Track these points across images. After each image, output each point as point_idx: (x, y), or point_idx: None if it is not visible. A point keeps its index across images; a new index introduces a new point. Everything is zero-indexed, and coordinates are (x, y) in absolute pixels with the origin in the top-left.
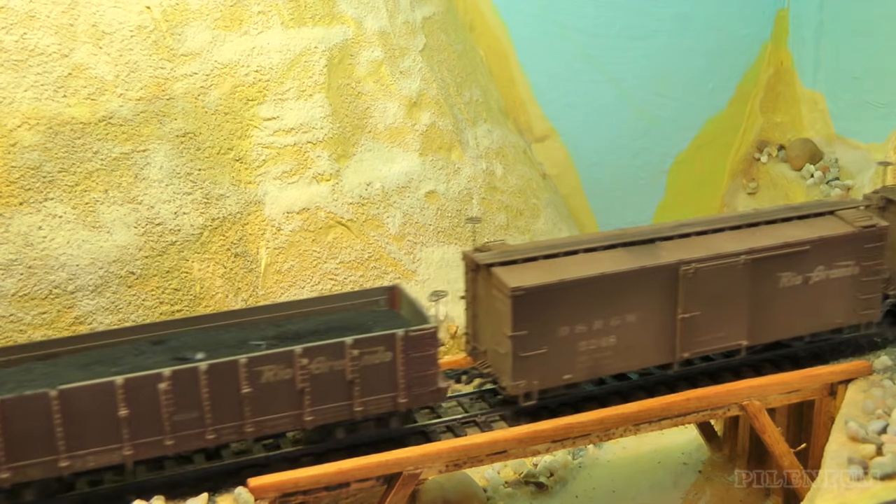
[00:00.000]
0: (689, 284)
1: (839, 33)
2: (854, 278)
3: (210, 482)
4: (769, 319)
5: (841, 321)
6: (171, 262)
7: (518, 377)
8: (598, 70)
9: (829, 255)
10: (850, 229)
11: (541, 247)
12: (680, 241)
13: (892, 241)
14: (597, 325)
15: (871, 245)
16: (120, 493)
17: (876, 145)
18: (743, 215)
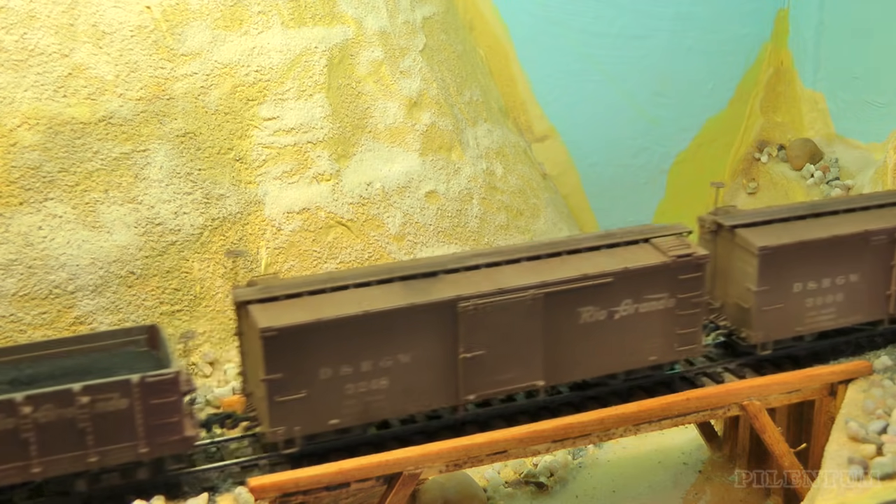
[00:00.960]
0: (470, 322)
1: (839, 33)
2: (669, 312)
3: (210, 482)
4: (569, 358)
5: (656, 358)
6: (172, 262)
7: (276, 423)
8: (598, 70)
9: (637, 287)
10: (662, 259)
11: (310, 281)
12: (466, 274)
13: (724, 267)
14: (365, 367)
15: (688, 276)
16: (120, 493)
17: (876, 145)
18: (546, 244)
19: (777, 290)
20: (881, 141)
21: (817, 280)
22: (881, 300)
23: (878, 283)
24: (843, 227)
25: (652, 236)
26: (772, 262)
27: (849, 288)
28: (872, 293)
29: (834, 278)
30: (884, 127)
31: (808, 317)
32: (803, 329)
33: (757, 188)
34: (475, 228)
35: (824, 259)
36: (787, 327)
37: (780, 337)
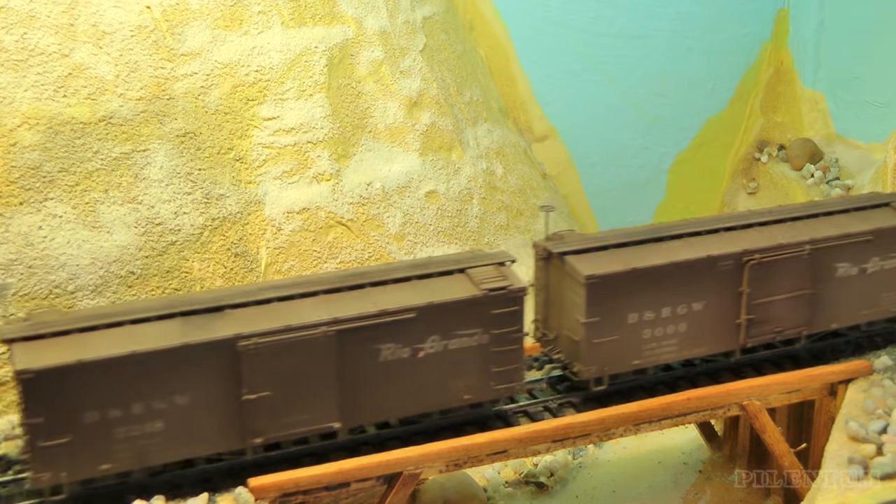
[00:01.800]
0: (253, 361)
1: (839, 33)
2: (483, 348)
3: (210, 483)
4: (370, 398)
5: (471, 397)
6: (172, 262)
7: (41, 469)
8: (598, 70)
9: (445, 323)
10: (473, 293)
11: (84, 317)
12: (253, 309)
13: (556, 296)
14: (137, 409)
15: (503, 310)
16: (120, 493)
17: (876, 145)
18: (351, 274)
19: (609, 321)
20: (881, 141)
21: (655, 309)
22: (731, 330)
23: (726, 312)
24: (685, 252)
25: (469, 266)
26: (601, 292)
27: (693, 317)
28: (720, 322)
29: (675, 307)
30: (884, 127)
31: (647, 349)
32: (642, 362)
33: (757, 188)
34: (475, 228)
35: (662, 287)
36: (622, 361)
37: (616, 371)
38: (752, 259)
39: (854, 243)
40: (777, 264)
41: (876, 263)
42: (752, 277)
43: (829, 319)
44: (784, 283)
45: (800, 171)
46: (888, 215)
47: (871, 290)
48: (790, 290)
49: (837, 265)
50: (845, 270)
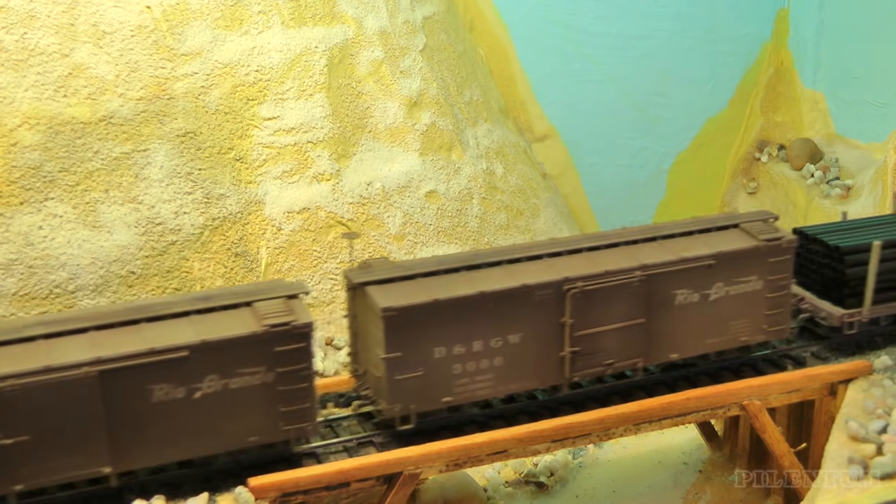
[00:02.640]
0: (8, 403)
1: (839, 33)
2: (270, 387)
3: (210, 482)
4: (144, 440)
5: (257, 438)
6: (172, 262)
7: None
8: (598, 70)
9: (224, 361)
10: (254, 329)
11: None
12: (14, 348)
13: (363, 330)
14: None
15: (289, 347)
16: (120, 493)
17: (876, 145)
18: (126, 309)
19: (413, 355)
20: (881, 141)
21: (465, 343)
22: (555, 363)
23: (547, 345)
24: (498, 282)
25: (256, 299)
26: (402, 325)
27: (509, 351)
28: (542, 356)
29: (487, 340)
30: (884, 127)
31: (459, 385)
32: (454, 399)
33: (757, 188)
34: (475, 228)
35: (472, 319)
36: (431, 398)
37: (424, 409)
38: (573, 287)
39: (693, 268)
40: (603, 292)
41: (720, 290)
42: (575, 307)
43: (669, 350)
44: (613, 313)
45: (800, 170)
46: (735, 238)
47: (716, 317)
48: (620, 319)
49: (675, 292)
50: (685, 297)
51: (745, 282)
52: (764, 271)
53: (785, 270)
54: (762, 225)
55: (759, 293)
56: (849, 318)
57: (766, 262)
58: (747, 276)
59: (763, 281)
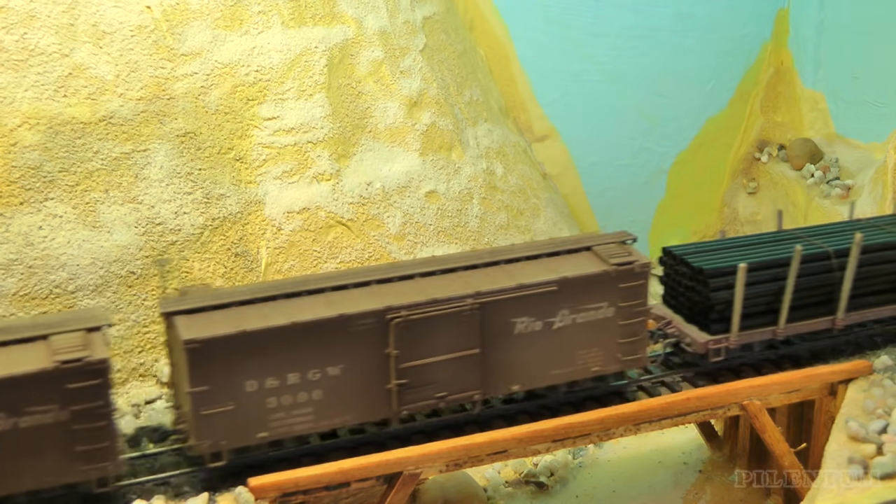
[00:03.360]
0: None
1: (839, 33)
2: (63, 426)
3: (210, 482)
4: None
5: (52, 478)
6: (172, 262)
7: None
8: (598, 70)
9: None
10: (44, 365)
11: None
12: None
13: (176, 361)
14: None
15: (80, 384)
16: (120, 493)
17: (876, 145)
18: None
19: (221, 389)
20: (881, 141)
21: (279, 376)
22: (381, 396)
23: (372, 377)
24: (314, 311)
25: (50, 332)
26: (208, 357)
27: (329, 383)
28: (366, 388)
29: (304, 373)
30: (884, 127)
31: (274, 420)
32: (270, 434)
33: (757, 188)
34: (475, 228)
35: (286, 350)
36: (245, 434)
37: (238, 445)
38: (397, 316)
39: (533, 295)
40: (431, 321)
41: (565, 317)
42: (401, 337)
43: (509, 381)
44: (444, 343)
45: (800, 170)
46: (584, 262)
47: (562, 347)
48: (452, 350)
49: (514, 320)
50: (526, 326)
51: (593, 309)
52: (615, 297)
53: (639, 296)
54: (616, 248)
55: (611, 321)
56: (715, 345)
57: (616, 288)
58: (596, 302)
59: (615, 308)
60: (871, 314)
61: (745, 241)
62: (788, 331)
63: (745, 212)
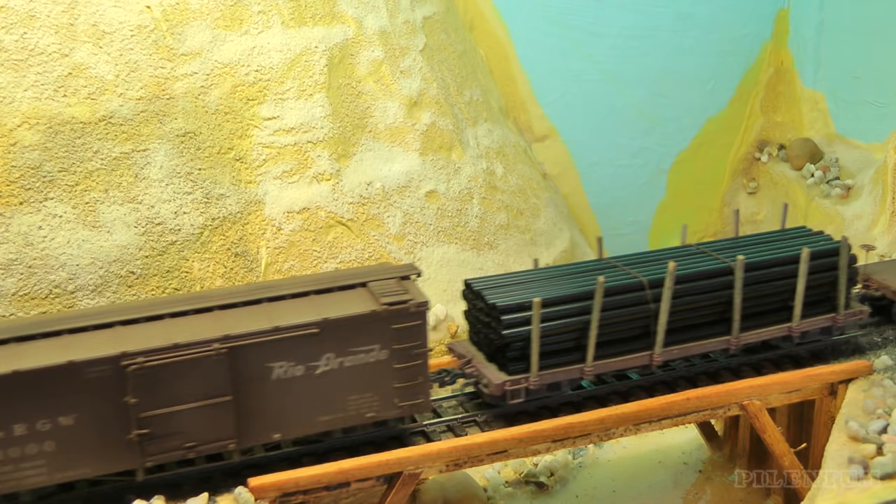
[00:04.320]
0: None
1: (839, 33)
2: None
3: (210, 482)
4: None
5: None
6: (172, 262)
7: None
8: (598, 70)
9: None
10: None
11: None
12: None
13: None
14: None
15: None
16: (120, 493)
17: (876, 145)
18: None
19: None
20: (881, 141)
21: (3, 427)
22: (123, 447)
23: (111, 426)
24: (41, 358)
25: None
26: None
27: (63, 434)
28: (105, 439)
29: (33, 423)
30: (884, 127)
31: (3, 473)
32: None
33: (757, 188)
34: (475, 228)
35: (10, 400)
36: None
37: None
38: (133, 363)
39: (292, 338)
40: (174, 368)
41: (331, 361)
42: (139, 385)
43: (269, 430)
44: (190, 390)
45: (800, 170)
46: (355, 300)
47: (329, 392)
48: (200, 397)
49: (271, 365)
50: (285, 371)
51: (363, 352)
52: (388, 339)
53: (416, 338)
54: (395, 284)
55: (385, 364)
56: (512, 386)
57: (389, 329)
58: (366, 345)
59: (388, 350)
60: (693, 348)
61: (559, 271)
62: (599, 368)
63: (746, 212)
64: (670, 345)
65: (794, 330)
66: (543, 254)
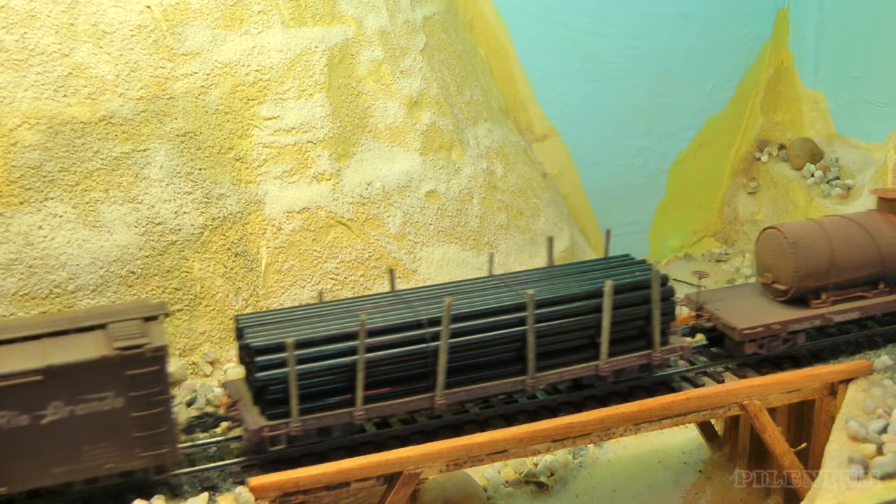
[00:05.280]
0: None
1: (839, 33)
2: None
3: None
4: None
5: None
6: (172, 262)
7: None
8: (598, 70)
9: None
10: None
11: None
12: None
13: None
14: None
15: None
16: (120, 493)
17: (876, 144)
18: None
19: None
20: (882, 140)
21: None
22: None
23: None
24: None
25: None
26: None
27: None
28: None
29: None
30: (884, 126)
31: None
32: None
33: (757, 188)
34: (475, 228)
35: None
36: None
37: None
38: None
39: (12, 386)
40: None
41: (60, 409)
42: None
43: None
44: None
45: (800, 170)
46: (87, 345)
47: (60, 443)
48: None
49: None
50: (7, 420)
51: (95, 399)
52: (124, 386)
53: (156, 384)
54: (135, 326)
55: (122, 412)
56: (272, 432)
57: (124, 375)
58: (99, 392)
59: (124, 398)
60: (480, 390)
61: (345, 306)
62: (372, 412)
63: (746, 211)
64: (456, 386)
65: (603, 369)
66: (544, 253)
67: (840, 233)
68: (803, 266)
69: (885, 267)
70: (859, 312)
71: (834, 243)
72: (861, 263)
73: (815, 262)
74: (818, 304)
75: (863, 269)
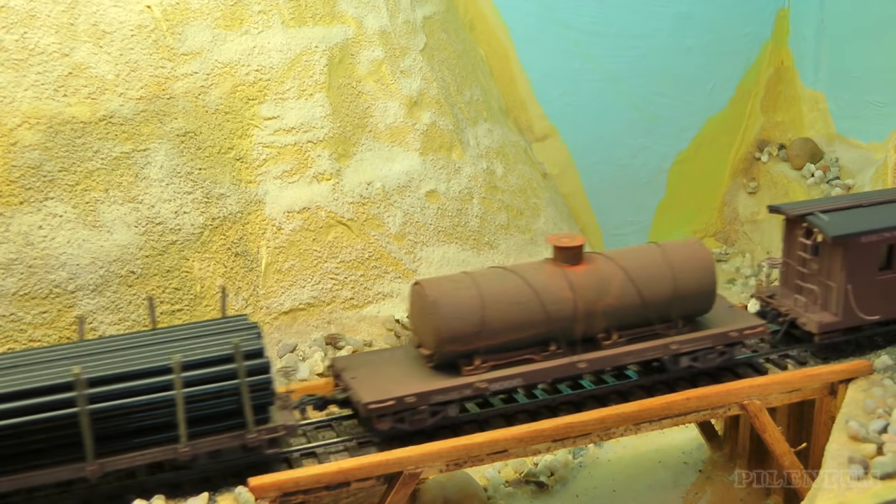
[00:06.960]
0: None
1: (839, 33)
2: None
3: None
4: None
5: None
6: (172, 262)
7: None
8: (598, 70)
9: None
10: None
11: None
12: None
13: None
14: None
15: None
16: (120, 493)
17: (876, 144)
18: None
19: None
20: (882, 140)
21: None
22: None
23: None
24: None
25: None
26: None
27: None
28: None
29: None
30: (884, 126)
31: None
32: None
33: (757, 188)
34: (475, 228)
35: None
36: None
37: None
38: None
39: None
40: None
41: None
42: None
43: None
44: None
45: (800, 170)
46: None
47: None
48: None
49: None
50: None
51: None
52: None
53: None
54: None
55: None
56: None
57: None
58: None
59: None
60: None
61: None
62: None
63: (746, 211)
64: None
65: (182, 452)
66: (544, 254)
67: (496, 288)
68: (445, 328)
69: (552, 326)
70: (522, 379)
71: (487, 301)
72: (522, 323)
73: (460, 323)
74: (470, 370)
75: (525, 330)
